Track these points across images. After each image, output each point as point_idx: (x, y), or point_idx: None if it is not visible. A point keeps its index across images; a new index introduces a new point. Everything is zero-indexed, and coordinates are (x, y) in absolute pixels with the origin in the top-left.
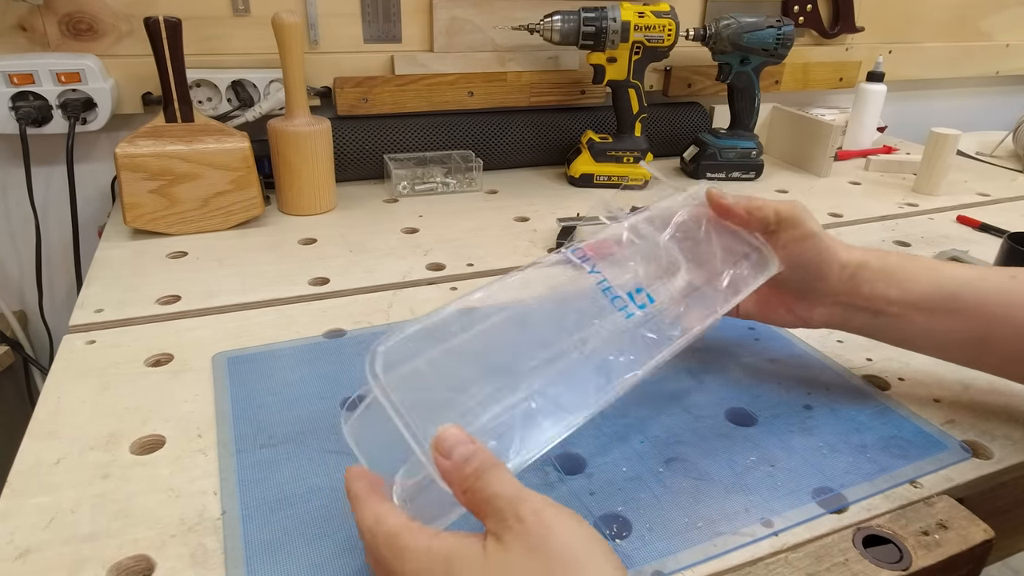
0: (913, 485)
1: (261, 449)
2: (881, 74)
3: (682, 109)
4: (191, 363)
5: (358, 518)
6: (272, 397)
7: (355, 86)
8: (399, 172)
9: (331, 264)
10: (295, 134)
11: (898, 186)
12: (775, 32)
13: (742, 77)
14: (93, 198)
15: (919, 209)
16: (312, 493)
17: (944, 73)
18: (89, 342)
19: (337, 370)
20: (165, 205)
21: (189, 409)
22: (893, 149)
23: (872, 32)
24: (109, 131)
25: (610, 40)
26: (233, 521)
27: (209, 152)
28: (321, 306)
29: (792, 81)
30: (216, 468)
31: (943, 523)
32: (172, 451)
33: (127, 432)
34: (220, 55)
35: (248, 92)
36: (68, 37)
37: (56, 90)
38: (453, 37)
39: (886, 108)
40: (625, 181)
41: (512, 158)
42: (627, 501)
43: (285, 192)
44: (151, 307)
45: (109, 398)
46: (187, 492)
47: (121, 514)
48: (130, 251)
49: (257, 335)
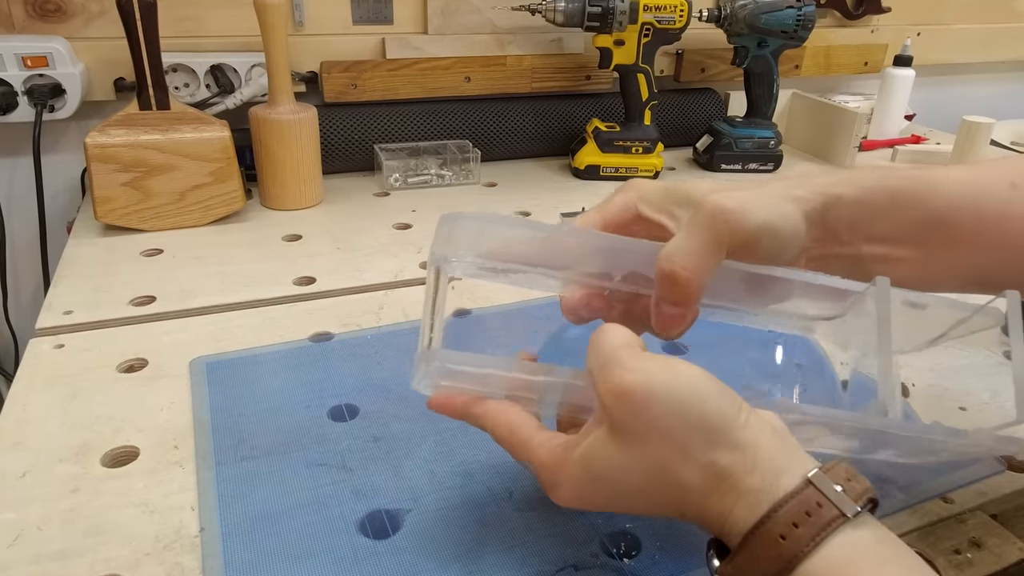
0: (944, 500)
1: (242, 461)
2: (909, 58)
3: (695, 96)
4: (167, 369)
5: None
6: (254, 405)
7: (343, 71)
8: (391, 163)
9: (317, 262)
10: (279, 123)
11: None
12: (795, 13)
13: (759, 61)
14: (61, 191)
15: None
16: (297, 509)
17: (977, 57)
18: (57, 346)
19: (324, 376)
20: (139, 199)
21: (165, 418)
22: (922, 139)
23: (899, 13)
24: (79, 119)
25: (617, 21)
26: (212, 539)
27: (186, 142)
28: (307, 307)
29: (813, 65)
30: (194, 482)
31: (976, 541)
32: (147, 463)
33: (98, 443)
34: (198, 38)
35: (228, 77)
36: (34, 18)
37: (21, 75)
38: (449, 18)
39: (914, 94)
40: (634, 173)
41: (512, 148)
42: (636, 518)
43: (268, 185)
44: (124, 308)
45: (79, 406)
46: (163, 508)
47: (92, 531)
48: (101, 248)
49: (238, 339)
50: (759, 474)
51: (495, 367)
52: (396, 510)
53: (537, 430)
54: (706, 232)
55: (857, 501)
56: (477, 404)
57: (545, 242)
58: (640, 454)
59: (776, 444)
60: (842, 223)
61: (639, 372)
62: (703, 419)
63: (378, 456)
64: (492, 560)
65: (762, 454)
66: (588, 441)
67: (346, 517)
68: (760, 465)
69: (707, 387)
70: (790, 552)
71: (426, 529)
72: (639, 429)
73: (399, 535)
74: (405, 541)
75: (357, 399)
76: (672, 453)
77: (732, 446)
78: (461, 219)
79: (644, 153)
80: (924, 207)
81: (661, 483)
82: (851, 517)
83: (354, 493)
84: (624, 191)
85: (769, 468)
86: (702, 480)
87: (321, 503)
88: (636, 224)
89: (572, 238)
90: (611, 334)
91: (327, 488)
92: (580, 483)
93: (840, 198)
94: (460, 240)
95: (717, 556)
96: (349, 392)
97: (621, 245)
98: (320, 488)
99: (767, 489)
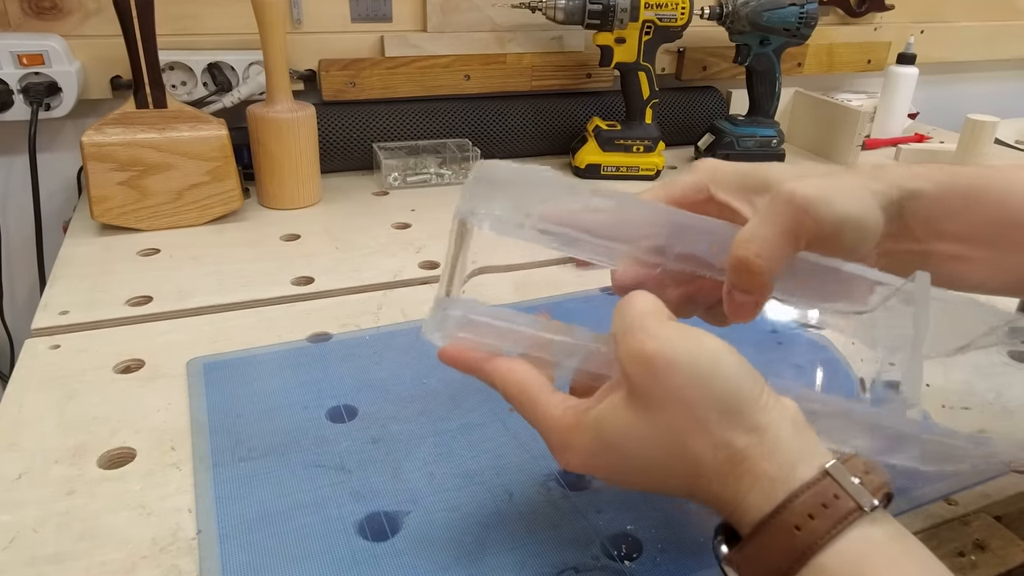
0: (947, 502)
1: (240, 463)
2: (912, 56)
3: (696, 94)
4: (164, 369)
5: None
6: (252, 406)
7: (342, 69)
8: (389, 162)
9: (315, 262)
10: (276, 121)
11: None
12: (797, 10)
13: (762, 59)
14: (57, 191)
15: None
16: (295, 510)
17: (981, 55)
18: (53, 347)
19: (322, 377)
20: (136, 198)
21: (162, 419)
22: (926, 137)
23: (902, 10)
24: (75, 118)
25: (618, 19)
26: (209, 541)
27: (183, 141)
28: (305, 308)
29: (816, 63)
30: (191, 483)
31: (980, 543)
32: (143, 465)
33: (94, 444)
34: (195, 35)
35: (225, 76)
36: (30, 16)
37: (17, 73)
38: (448, 16)
39: (918, 93)
40: (635, 172)
41: (512, 147)
42: (637, 520)
43: (266, 184)
44: (120, 309)
45: (75, 407)
46: (159, 510)
47: (88, 533)
48: (98, 248)
49: (235, 339)
50: (776, 461)
51: (516, 322)
52: (395, 512)
53: (549, 391)
54: (785, 220)
55: (875, 495)
56: (489, 360)
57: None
58: (656, 423)
59: (795, 432)
60: (918, 220)
61: (662, 339)
62: (724, 395)
63: (377, 457)
64: (492, 562)
65: (781, 440)
66: (603, 405)
67: (345, 519)
68: (778, 451)
69: (731, 363)
70: (804, 544)
71: (425, 531)
72: (658, 396)
73: (398, 537)
74: (404, 543)
75: (356, 400)
76: (689, 426)
77: (751, 428)
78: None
79: (645, 152)
80: (1000, 207)
81: (675, 456)
82: (868, 511)
83: (353, 495)
84: (696, 170)
85: (787, 456)
86: (717, 459)
87: (319, 505)
88: (706, 206)
89: (638, 210)
90: (639, 300)
91: (325, 490)
92: (591, 448)
93: (919, 193)
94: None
95: (726, 542)
96: (347, 393)
97: (692, 222)
98: (318, 490)
99: (783, 477)
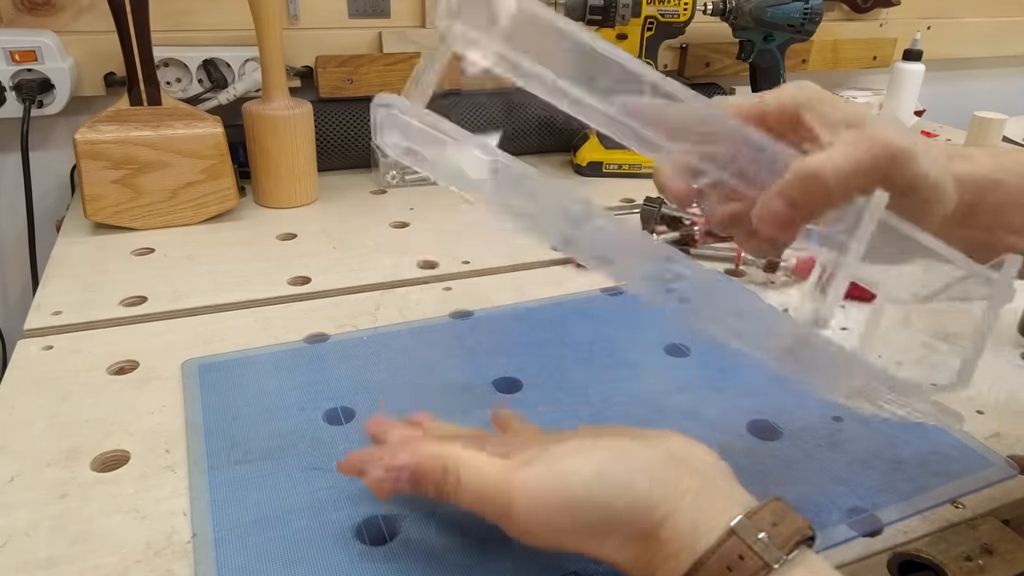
0: (954, 505)
1: (236, 466)
2: (919, 52)
3: (700, 91)
4: (158, 371)
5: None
6: (247, 408)
7: (339, 65)
8: (388, 161)
9: (312, 262)
10: (273, 118)
11: None
12: (802, 6)
13: (765, 56)
14: (50, 189)
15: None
16: (291, 514)
17: (988, 51)
18: (46, 347)
19: (319, 378)
20: (130, 197)
21: (156, 421)
22: (932, 135)
23: (908, 6)
24: (68, 115)
25: (620, 15)
26: (205, 545)
27: (178, 138)
28: (301, 308)
29: (821, 60)
30: (186, 487)
31: (988, 547)
32: (137, 468)
33: (88, 447)
34: (190, 31)
35: (221, 72)
36: (22, 11)
37: (9, 70)
38: None
39: (924, 89)
40: (638, 170)
41: (512, 145)
42: None
43: (262, 182)
44: (114, 309)
45: (68, 409)
46: (154, 513)
47: (81, 537)
48: (91, 247)
49: (231, 340)
50: (679, 540)
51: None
52: (393, 516)
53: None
54: (869, 157)
55: (784, 547)
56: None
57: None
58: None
59: (702, 503)
60: (990, 210)
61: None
62: (608, 520)
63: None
64: (491, 567)
65: (683, 521)
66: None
67: (342, 523)
68: (681, 531)
69: (600, 483)
70: None
71: (423, 536)
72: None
73: (396, 541)
74: (402, 548)
75: (353, 402)
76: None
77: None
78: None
79: None
80: None
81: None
82: (777, 567)
83: (350, 498)
84: (790, 89)
85: (690, 529)
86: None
87: (316, 508)
88: (784, 128)
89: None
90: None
91: (323, 493)
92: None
93: (1000, 184)
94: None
95: None
96: (345, 394)
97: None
98: (315, 493)
99: (687, 548)
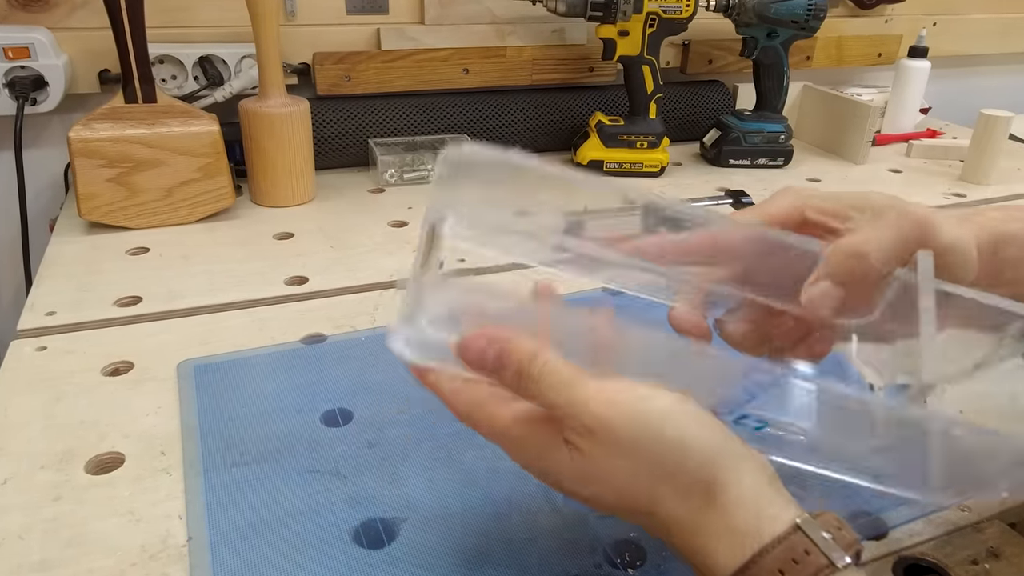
0: (960, 508)
1: (232, 468)
2: (924, 49)
3: (702, 88)
4: (153, 372)
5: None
6: (244, 410)
7: (336, 63)
8: (386, 159)
9: (310, 261)
10: (269, 116)
11: (943, 174)
12: (806, 2)
13: (769, 52)
14: (44, 188)
15: (967, 200)
16: (288, 517)
17: (995, 48)
18: (39, 348)
19: (316, 380)
20: (124, 195)
21: (151, 423)
22: (938, 133)
23: (914, 2)
24: (62, 113)
25: (622, 11)
26: (200, 548)
27: (173, 136)
28: (298, 308)
29: (825, 57)
30: (181, 489)
31: (994, 551)
32: (132, 470)
33: (82, 449)
34: (186, 28)
35: (217, 69)
36: (16, 8)
37: (2, 67)
38: (446, 8)
39: (930, 87)
40: (639, 168)
41: (512, 143)
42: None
43: (259, 181)
44: (109, 309)
45: (62, 411)
46: (149, 516)
47: (75, 540)
48: (85, 247)
49: (227, 340)
50: (743, 515)
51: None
52: (392, 518)
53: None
54: (902, 230)
55: (847, 551)
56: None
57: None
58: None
59: (767, 486)
60: (1008, 262)
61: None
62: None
63: (373, 463)
64: (491, 570)
65: (748, 495)
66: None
67: (340, 526)
68: (746, 506)
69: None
70: None
71: (423, 538)
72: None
73: (395, 544)
74: (401, 551)
75: (351, 403)
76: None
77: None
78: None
79: (649, 148)
80: None
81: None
82: (840, 568)
83: (348, 501)
84: (787, 194)
85: (756, 509)
86: (686, 515)
87: (314, 511)
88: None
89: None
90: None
91: (320, 496)
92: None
93: (1015, 236)
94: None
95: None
96: (343, 396)
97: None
98: (313, 496)
99: (753, 531)
